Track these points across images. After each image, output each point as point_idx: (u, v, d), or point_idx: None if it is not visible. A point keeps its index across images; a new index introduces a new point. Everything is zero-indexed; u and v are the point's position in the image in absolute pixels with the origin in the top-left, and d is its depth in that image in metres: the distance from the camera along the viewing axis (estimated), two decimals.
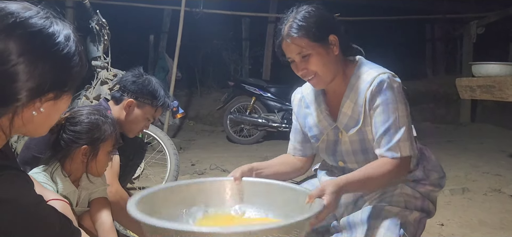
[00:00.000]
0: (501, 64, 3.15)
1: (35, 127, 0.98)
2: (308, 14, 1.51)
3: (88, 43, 3.60)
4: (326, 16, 1.54)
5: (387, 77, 1.49)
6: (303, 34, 1.48)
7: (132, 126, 2.14)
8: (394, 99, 1.48)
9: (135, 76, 2.15)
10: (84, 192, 1.72)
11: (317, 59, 1.50)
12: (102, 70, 3.48)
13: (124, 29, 6.46)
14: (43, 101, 0.93)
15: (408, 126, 1.50)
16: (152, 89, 2.13)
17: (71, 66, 0.96)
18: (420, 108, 8.09)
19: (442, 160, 4.58)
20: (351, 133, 1.55)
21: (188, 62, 8.54)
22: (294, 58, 1.53)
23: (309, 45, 1.49)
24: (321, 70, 1.51)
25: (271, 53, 7.77)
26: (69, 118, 1.63)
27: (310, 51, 1.49)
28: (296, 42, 1.49)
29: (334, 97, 1.62)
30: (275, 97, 6.07)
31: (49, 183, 1.58)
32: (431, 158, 1.71)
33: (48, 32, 0.92)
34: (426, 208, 1.61)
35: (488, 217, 2.90)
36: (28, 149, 1.85)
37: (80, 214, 1.71)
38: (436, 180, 1.66)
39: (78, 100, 3.50)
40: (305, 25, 1.48)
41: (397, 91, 1.49)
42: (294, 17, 1.51)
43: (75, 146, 1.61)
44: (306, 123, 1.71)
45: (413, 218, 1.55)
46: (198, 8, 6.20)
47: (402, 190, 1.58)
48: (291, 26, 1.50)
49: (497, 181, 3.83)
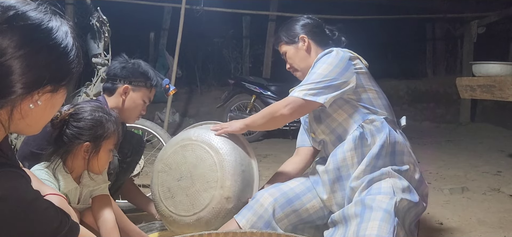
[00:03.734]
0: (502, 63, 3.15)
1: (31, 122, 0.99)
2: (284, 25, 2.05)
3: (88, 40, 3.60)
4: (296, 21, 2.00)
5: (334, 48, 1.83)
6: (281, 40, 2.01)
7: (131, 112, 2.14)
8: (326, 60, 1.77)
9: (122, 63, 2.15)
10: (86, 189, 1.72)
11: (293, 56, 1.97)
12: (103, 67, 3.48)
13: (125, 26, 6.44)
14: (41, 94, 0.95)
15: (321, 78, 1.73)
16: (143, 70, 2.14)
17: (69, 61, 0.97)
18: (420, 108, 8.09)
19: (441, 159, 4.62)
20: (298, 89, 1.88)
21: (189, 60, 8.53)
22: (285, 58, 2.03)
23: (286, 47, 2.00)
24: (297, 63, 1.97)
25: (272, 52, 7.76)
26: (73, 114, 1.63)
27: (287, 51, 1.99)
28: (280, 47, 2.03)
29: None
30: (275, 95, 6.07)
31: (51, 180, 1.59)
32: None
33: (47, 26, 0.93)
34: (414, 199, 1.65)
35: (487, 216, 2.90)
36: (26, 144, 1.86)
37: (82, 211, 1.72)
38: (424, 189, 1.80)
39: (78, 97, 3.50)
40: (281, 34, 2.02)
41: (331, 55, 1.78)
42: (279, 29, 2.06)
43: (77, 142, 1.61)
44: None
45: (402, 206, 1.59)
46: (199, 5, 6.19)
47: (390, 175, 1.67)
48: (276, 35, 2.06)
49: (497, 181, 3.83)
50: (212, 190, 1.79)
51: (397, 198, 1.58)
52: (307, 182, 1.88)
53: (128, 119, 2.17)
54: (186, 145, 1.92)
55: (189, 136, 1.95)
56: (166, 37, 8.19)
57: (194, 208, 1.82)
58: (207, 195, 1.80)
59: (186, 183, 1.86)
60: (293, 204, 1.79)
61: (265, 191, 1.82)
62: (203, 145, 1.87)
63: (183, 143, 1.94)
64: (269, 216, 1.74)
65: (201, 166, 1.84)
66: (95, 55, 3.54)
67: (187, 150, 1.90)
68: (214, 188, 1.78)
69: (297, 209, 1.78)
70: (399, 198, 1.58)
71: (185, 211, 1.84)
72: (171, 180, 1.92)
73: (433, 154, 5.04)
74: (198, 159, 1.86)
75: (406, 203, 1.61)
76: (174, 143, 2.00)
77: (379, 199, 1.56)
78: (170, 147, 1.99)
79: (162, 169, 1.97)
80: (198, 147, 1.88)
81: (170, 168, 1.94)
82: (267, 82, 6.31)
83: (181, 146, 1.94)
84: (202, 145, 1.87)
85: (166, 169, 1.96)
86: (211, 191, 1.79)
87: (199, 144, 1.88)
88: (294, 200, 1.80)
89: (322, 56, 1.80)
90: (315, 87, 1.72)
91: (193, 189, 1.84)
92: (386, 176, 1.66)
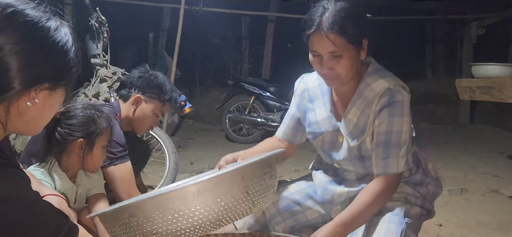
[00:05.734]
0: (501, 65, 3.16)
1: (30, 120, 0.99)
2: (348, 10, 1.38)
3: (87, 41, 3.59)
4: (363, 15, 1.46)
5: (397, 90, 1.44)
6: (342, 33, 1.35)
7: (141, 123, 2.13)
8: (401, 113, 1.44)
9: (141, 72, 2.16)
10: (82, 188, 1.72)
11: (347, 61, 1.40)
12: (101, 68, 3.48)
13: (124, 26, 6.44)
14: (38, 91, 0.95)
15: (408, 141, 1.47)
16: (158, 83, 2.13)
17: (67, 60, 0.98)
18: (419, 109, 8.09)
19: (440, 160, 4.61)
20: (353, 144, 1.52)
21: (188, 60, 8.53)
22: (324, 54, 1.40)
23: (345, 46, 1.37)
24: (346, 73, 1.42)
25: (271, 52, 7.77)
26: (65, 112, 1.64)
27: (343, 52, 1.38)
28: (332, 39, 1.36)
29: (341, 98, 1.57)
30: (275, 96, 6.06)
31: (46, 179, 1.59)
32: (425, 163, 1.69)
33: (45, 24, 0.94)
34: (427, 207, 1.61)
35: (486, 217, 2.90)
36: (35, 142, 1.85)
37: (79, 211, 1.71)
38: (433, 181, 1.66)
39: (76, 98, 3.50)
40: (346, 23, 1.35)
41: (403, 104, 1.45)
42: (334, 9, 1.37)
43: (70, 139, 1.61)
44: (306, 118, 1.68)
45: (415, 213, 1.55)
46: (198, 6, 6.18)
47: (402, 189, 1.58)
48: (333, 20, 1.36)
49: (496, 182, 3.83)
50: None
51: (408, 205, 1.55)
52: (308, 189, 1.76)
53: (138, 130, 2.15)
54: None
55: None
56: (165, 38, 8.18)
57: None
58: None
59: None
60: (292, 210, 1.71)
61: None
62: None
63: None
64: (266, 220, 1.71)
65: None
66: (94, 55, 3.54)
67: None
68: None
69: (296, 215, 1.72)
70: (412, 206, 1.55)
71: None
72: None
73: (432, 155, 5.03)
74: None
75: (418, 210, 1.56)
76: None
77: (388, 205, 1.53)
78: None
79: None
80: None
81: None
82: (266, 83, 6.31)
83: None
84: None
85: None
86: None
87: None
88: (294, 206, 1.71)
89: (391, 103, 1.44)
90: (408, 151, 1.48)
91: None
92: (399, 187, 1.57)
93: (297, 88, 1.72)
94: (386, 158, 1.46)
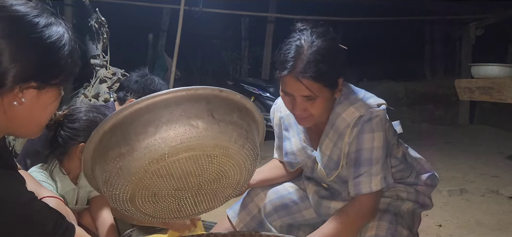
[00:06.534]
0: (500, 65, 3.16)
1: (21, 122, 0.96)
2: (324, 52, 1.30)
3: (87, 41, 3.60)
4: (340, 53, 1.39)
5: (367, 116, 1.37)
6: (318, 78, 1.29)
7: None
8: (370, 129, 1.37)
9: (139, 76, 2.16)
10: (83, 190, 1.72)
11: (321, 103, 1.35)
12: (101, 69, 3.48)
13: (123, 27, 6.44)
14: (23, 89, 0.91)
15: (383, 158, 1.40)
16: (154, 88, 2.12)
17: (57, 59, 0.94)
18: (418, 109, 8.09)
19: (440, 161, 4.61)
20: (329, 177, 1.51)
21: (187, 61, 8.54)
22: (297, 96, 1.34)
23: (320, 90, 1.32)
24: (320, 114, 1.38)
25: (270, 53, 7.77)
26: (67, 115, 1.63)
27: (318, 95, 1.32)
28: (307, 84, 1.29)
29: (314, 127, 1.52)
30: (274, 96, 6.07)
31: (48, 181, 1.58)
32: (418, 159, 1.68)
33: (32, 19, 0.90)
34: (421, 201, 1.60)
35: (485, 218, 2.91)
36: (31, 143, 1.85)
37: (80, 212, 1.71)
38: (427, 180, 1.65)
39: (76, 98, 3.50)
40: (322, 68, 1.29)
41: (376, 125, 1.38)
42: (309, 52, 1.30)
43: (72, 143, 1.61)
44: (284, 146, 1.64)
45: (406, 208, 1.54)
46: (198, 7, 6.18)
47: (394, 187, 1.57)
48: (308, 65, 1.29)
49: (495, 183, 3.84)
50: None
51: (399, 200, 1.55)
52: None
53: None
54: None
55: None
56: (164, 38, 8.18)
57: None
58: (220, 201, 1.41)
59: (187, 193, 1.31)
60: (289, 209, 1.70)
61: (261, 190, 1.73)
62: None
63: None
64: (263, 217, 1.71)
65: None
66: (94, 56, 3.54)
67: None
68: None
69: (293, 214, 1.71)
70: (403, 201, 1.55)
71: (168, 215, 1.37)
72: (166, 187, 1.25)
73: (431, 156, 5.03)
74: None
75: (410, 205, 1.56)
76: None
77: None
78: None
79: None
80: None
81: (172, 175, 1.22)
82: (266, 83, 6.32)
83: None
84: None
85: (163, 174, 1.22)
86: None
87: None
88: (291, 205, 1.70)
89: (362, 130, 1.38)
90: (383, 168, 1.41)
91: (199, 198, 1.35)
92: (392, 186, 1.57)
93: (274, 117, 1.68)
94: (357, 177, 1.40)
